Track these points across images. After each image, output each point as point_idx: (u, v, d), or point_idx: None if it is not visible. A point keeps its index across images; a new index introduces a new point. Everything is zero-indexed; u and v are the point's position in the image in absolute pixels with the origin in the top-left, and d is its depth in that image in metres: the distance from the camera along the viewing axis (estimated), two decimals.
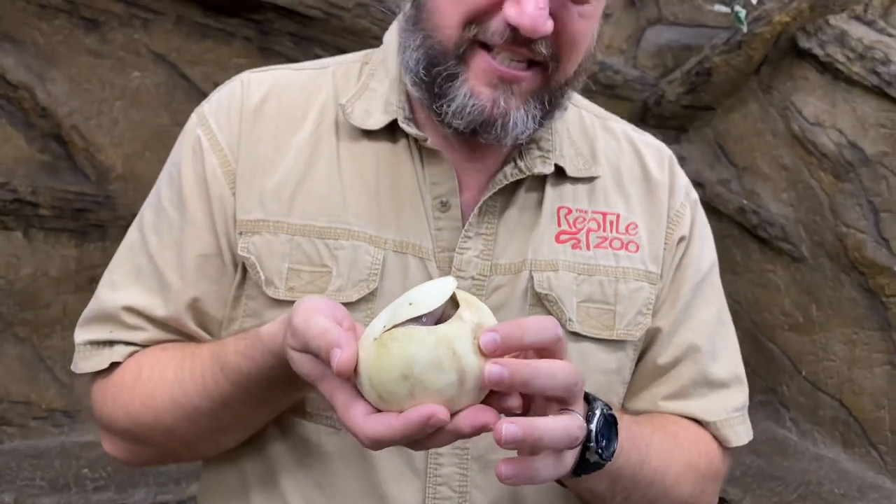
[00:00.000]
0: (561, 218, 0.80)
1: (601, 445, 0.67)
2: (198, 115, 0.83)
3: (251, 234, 0.78)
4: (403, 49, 0.77)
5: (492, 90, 0.71)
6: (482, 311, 0.59)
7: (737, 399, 0.86)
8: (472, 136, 0.74)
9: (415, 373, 0.55)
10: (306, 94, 0.82)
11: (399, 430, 0.55)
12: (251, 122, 0.80)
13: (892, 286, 2.23)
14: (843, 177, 2.31)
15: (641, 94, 2.69)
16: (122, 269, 0.82)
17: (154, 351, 0.80)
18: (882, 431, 2.28)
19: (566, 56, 0.72)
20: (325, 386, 0.60)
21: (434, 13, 0.72)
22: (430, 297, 0.58)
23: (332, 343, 0.57)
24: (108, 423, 0.82)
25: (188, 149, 0.81)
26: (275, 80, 0.83)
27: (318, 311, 0.61)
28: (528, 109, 0.73)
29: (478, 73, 0.71)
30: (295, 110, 0.81)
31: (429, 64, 0.73)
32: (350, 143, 0.79)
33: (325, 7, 2.25)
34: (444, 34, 0.72)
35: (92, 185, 2.30)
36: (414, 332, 0.56)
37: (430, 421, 0.54)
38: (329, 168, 0.79)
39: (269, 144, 0.79)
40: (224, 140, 0.80)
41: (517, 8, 0.68)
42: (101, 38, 2.23)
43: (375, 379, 0.56)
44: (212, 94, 0.85)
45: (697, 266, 0.85)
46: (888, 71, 2.14)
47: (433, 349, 0.55)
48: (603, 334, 0.80)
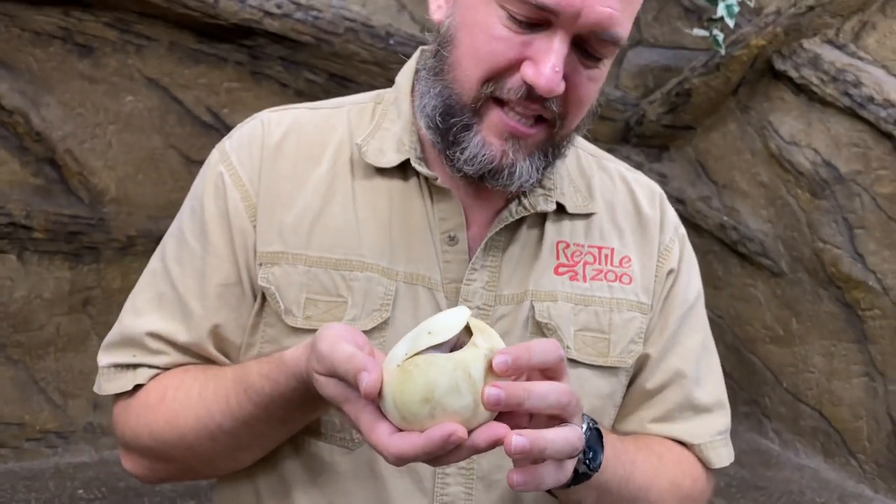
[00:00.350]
0: (560, 252, 0.85)
1: (588, 457, 0.73)
2: (220, 152, 0.87)
3: (271, 265, 0.82)
4: (421, 95, 0.82)
5: (502, 142, 0.77)
6: (493, 337, 0.65)
7: (720, 423, 0.92)
8: (479, 181, 0.79)
9: (436, 396, 0.61)
10: (323, 133, 0.87)
11: (422, 448, 0.60)
12: (271, 158, 0.85)
13: (867, 300, 2.30)
14: (819, 194, 2.38)
15: (624, 113, 2.76)
16: (145, 295, 0.86)
17: (177, 373, 0.84)
18: (861, 441, 2.34)
19: (572, 115, 0.78)
20: (350, 408, 0.65)
21: (456, 67, 0.77)
22: (447, 325, 0.64)
23: (359, 367, 0.62)
24: (130, 441, 0.86)
25: (211, 183, 0.86)
26: (293, 119, 0.88)
27: (342, 337, 0.66)
28: (532, 161, 0.78)
29: (490, 126, 0.76)
30: (313, 148, 0.86)
31: (446, 113, 0.78)
32: (364, 179, 0.84)
33: (316, 33, 2.29)
34: (464, 87, 0.77)
35: (85, 207, 2.33)
36: (434, 359, 0.62)
37: (450, 439, 0.60)
38: (345, 203, 0.83)
39: (289, 180, 0.84)
40: (246, 176, 0.84)
41: (535, 69, 0.73)
42: (95, 63, 2.27)
43: (399, 401, 0.61)
44: (233, 131, 0.90)
45: (685, 297, 0.91)
46: (859, 93, 2.22)
47: (452, 374, 0.61)
48: (598, 361, 0.85)
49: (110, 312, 2.37)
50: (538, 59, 0.73)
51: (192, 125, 2.39)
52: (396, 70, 0.91)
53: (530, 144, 0.78)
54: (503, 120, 0.76)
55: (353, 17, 2.33)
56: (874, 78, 2.20)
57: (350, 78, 2.40)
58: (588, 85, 0.77)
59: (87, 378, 2.38)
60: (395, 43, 2.35)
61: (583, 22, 0.72)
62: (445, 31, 0.79)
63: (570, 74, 0.75)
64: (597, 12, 0.72)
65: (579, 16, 0.72)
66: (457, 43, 0.78)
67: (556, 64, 0.72)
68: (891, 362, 2.27)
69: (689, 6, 2.70)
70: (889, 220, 2.23)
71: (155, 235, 2.38)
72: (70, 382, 2.38)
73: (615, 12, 0.73)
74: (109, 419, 2.65)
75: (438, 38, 0.80)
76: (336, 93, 2.41)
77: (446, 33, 0.79)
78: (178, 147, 2.39)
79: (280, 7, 2.25)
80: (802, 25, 2.30)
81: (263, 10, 2.23)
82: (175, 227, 0.88)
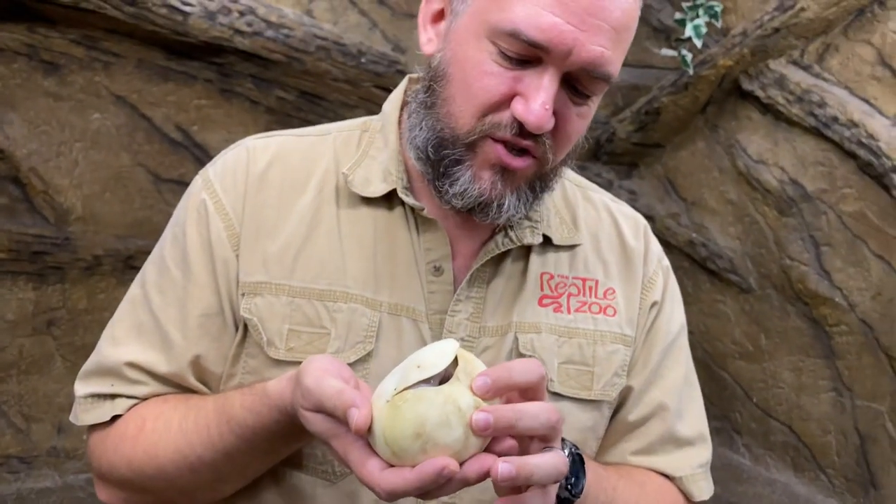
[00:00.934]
0: (544, 283, 0.85)
1: (570, 482, 0.73)
2: (203, 179, 0.86)
3: (253, 295, 0.81)
4: (411, 127, 0.81)
5: (492, 174, 0.76)
6: (480, 368, 0.64)
7: (701, 456, 0.92)
8: (467, 214, 0.79)
9: (427, 430, 0.60)
10: (309, 161, 0.86)
11: (414, 483, 0.60)
12: (256, 187, 0.84)
13: (834, 316, 2.33)
14: (786, 212, 2.42)
15: (594, 132, 2.78)
16: (124, 324, 0.84)
17: (157, 402, 0.82)
18: (830, 455, 2.37)
19: (560, 150, 0.78)
20: (339, 443, 0.64)
21: (449, 102, 0.77)
22: (436, 359, 0.63)
23: (347, 403, 0.61)
24: (106, 472, 0.84)
25: (193, 211, 0.84)
26: (279, 146, 0.87)
27: (328, 372, 0.65)
28: (520, 195, 0.78)
29: (483, 159, 0.76)
30: (298, 176, 0.85)
31: (438, 146, 0.78)
32: (350, 209, 0.83)
33: (287, 51, 2.28)
34: (458, 122, 0.76)
35: (50, 227, 2.28)
36: (423, 394, 0.61)
37: (443, 472, 0.59)
38: (329, 233, 0.82)
39: (273, 209, 0.83)
40: (229, 204, 0.83)
41: (525, 106, 0.73)
42: (61, 80, 2.23)
43: (390, 437, 0.61)
44: (216, 158, 0.88)
45: (668, 329, 0.91)
46: (824, 113, 2.26)
47: (442, 407, 0.61)
48: (581, 394, 0.85)
49: (75, 334, 2.32)
50: (528, 96, 0.73)
51: (160, 143, 2.35)
52: (367, 88, 0.90)
53: (518, 178, 0.78)
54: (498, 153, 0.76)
55: (325, 35, 2.33)
56: (838, 98, 2.25)
57: (321, 96, 2.39)
58: (577, 121, 0.77)
59: (51, 401, 2.32)
60: (366, 61, 2.34)
61: (573, 60, 0.72)
62: (437, 65, 0.79)
63: (560, 110, 0.75)
64: (588, 51, 0.72)
65: (570, 53, 0.72)
66: (449, 78, 0.77)
67: (546, 101, 0.72)
68: (857, 378, 2.30)
69: (658, 26, 2.74)
70: (854, 237, 2.27)
71: (123, 255, 2.33)
72: (33, 406, 2.32)
73: (606, 51, 0.73)
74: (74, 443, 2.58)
75: (430, 72, 0.80)
76: (307, 110, 2.40)
77: (438, 68, 0.79)
78: (146, 165, 2.36)
79: (250, 25, 2.23)
80: (768, 46, 2.34)
81: (234, 28, 2.21)
82: (156, 253, 0.86)
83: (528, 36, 0.71)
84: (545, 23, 0.70)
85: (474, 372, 0.63)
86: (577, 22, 0.71)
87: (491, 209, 0.77)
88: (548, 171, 0.79)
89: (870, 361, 2.26)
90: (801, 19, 2.24)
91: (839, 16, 2.22)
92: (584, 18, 0.71)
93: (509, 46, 0.73)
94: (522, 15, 0.71)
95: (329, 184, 0.84)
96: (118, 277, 2.34)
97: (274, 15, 2.27)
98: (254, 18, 2.23)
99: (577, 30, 0.71)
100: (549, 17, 0.71)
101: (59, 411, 2.33)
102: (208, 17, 2.17)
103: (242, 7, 2.22)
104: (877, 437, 2.24)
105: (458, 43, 0.77)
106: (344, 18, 2.44)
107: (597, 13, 0.71)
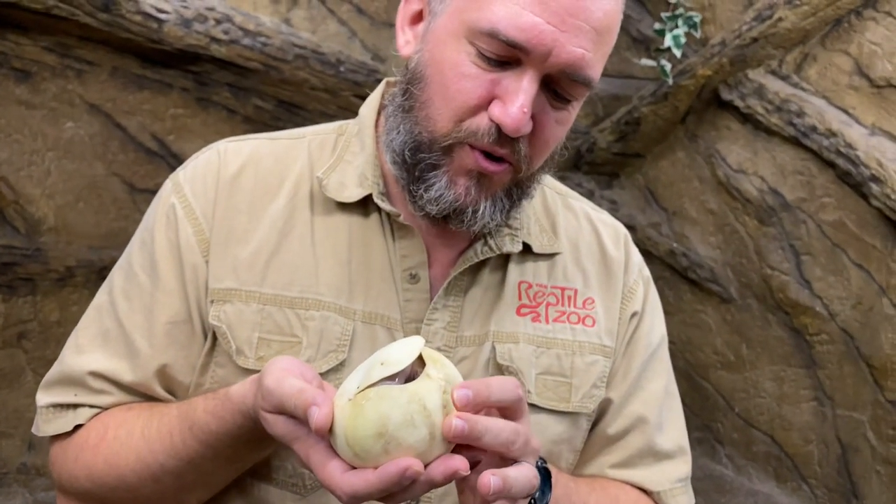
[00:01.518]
0: (522, 292, 0.84)
1: (534, 496, 0.71)
2: (173, 183, 0.84)
3: (223, 302, 0.78)
4: (388, 130, 0.79)
5: (467, 180, 0.75)
6: (447, 367, 0.62)
7: (680, 470, 0.90)
8: (442, 221, 0.77)
9: (389, 430, 0.58)
10: (282, 165, 0.84)
11: (376, 485, 0.57)
12: (227, 191, 0.81)
13: (814, 325, 2.34)
14: (766, 221, 2.42)
15: (574, 141, 2.78)
16: (89, 332, 0.82)
17: (120, 410, 0.79)
18: (811, 465, 2.37)
19: (537, 156, 0.76)
20: (300, 446, 0.62)
21: (427, 105, 0.75)
22: (401, 356, 0.61)
23: (308, 402, 0.59)
24: (67, 484, 0.81)
25: (162, 215, 0.82)
26: (252, 150, 0.85)
27: (289, 372, 0.63)
28: (496, 202, 0.76)
29: (459, 165, 0.74)
30: (271, 180, 0.83)
31: (415, 149, 0.76)
32: (324, 214, 0.81)
33: (264, 59, 2.26)
34: (436, 126, 0.75)
35: (21, 237, 2.23)
36: (387, 392, 0.59)
37: (406, 473, 0.57)
38: (302, 239, 0.80)
39: (245, 214, 0.81)
40: (199, 209, 0.81)
41: (502, 108, 0.71)
42: (33, 88, 2.19)
43: (351, 437, 0.58)
44: (187, 161, 0.86)
45: (648, 341, 0.90)
46: (803, 122, 2.27)
47: (406, 406, 0.58)
48: (559, 406, 0.83)
49: (46, 347, 2.27)
50: (506, 98, 0.71)
51: (135, 152, 2.32)
52: (346, 97, 0.89)
53: (494, 184, 0.76)
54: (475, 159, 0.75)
55: (303, 43, 2.31)
56: (816, 108, 2.26)
57: (300, 104, 2.37)
58: (555, 127, 0.76)
59: (21, 416, 2.27)
60: (345, 70, 2.33)
61: (553, 61, 0.71)
62: (414, 67, 0.77)
63: (538, 115, 0.74)
64: (568, 52, 0.71)
65: (550, 54, 0.70)
66: (427, 80, 0.76)
67: (525, 104, 0.71)
68: (838, 387, 2.30)
69: (638, 37, 2.74)
70: (834, 246, 2.28)
71: (96, 266, 2.29)
72: (2, 421, 2.27)
73: (587, 53, 0.72)
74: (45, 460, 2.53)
75: (407, 74, 0.78)
76: (286, 119, 2.38)
77: (415, 70, 0.77)
78: (120, 174, 2.32)
79: (227, 33, 2.21)
80: (747, 56, 2.35)
81: (210, 36, 2.19)
82: (124, 259, 0.84)
83: (507, 35, 0.69)
84: (525, 22, 0.69)
85: (442, 371, 0.61)
86: (558, 22, 0.69)
87: (466, 216, 0.75)
88: (525, 179, 0.78)
89: (850, 370, 2.26)
90: (779, 29, 2.26)
91: (816, 26, 2.23)
92: (565, 19, 0.69)
93: (488, 47, 0.71)
94: (501, 14, 0.69)
95: (303, 188, 0.82)
96: (91, 289, 2.30)
97: (251, 23, 2.25)
98: (230, 26, 2.21)
99: (558, 30, 0.69)
100: (529, 16, 0.69)
101: (30, 426, 2.27)
102: (184, 24, 2.15)
103: (219, 15, 2.20)
104: (858, 447, 2.24)
105: (435, 44, 0.75)
106: (323, 27, 2.42)
107: (578, 13, 0.70)
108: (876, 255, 2.17)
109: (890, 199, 2.08)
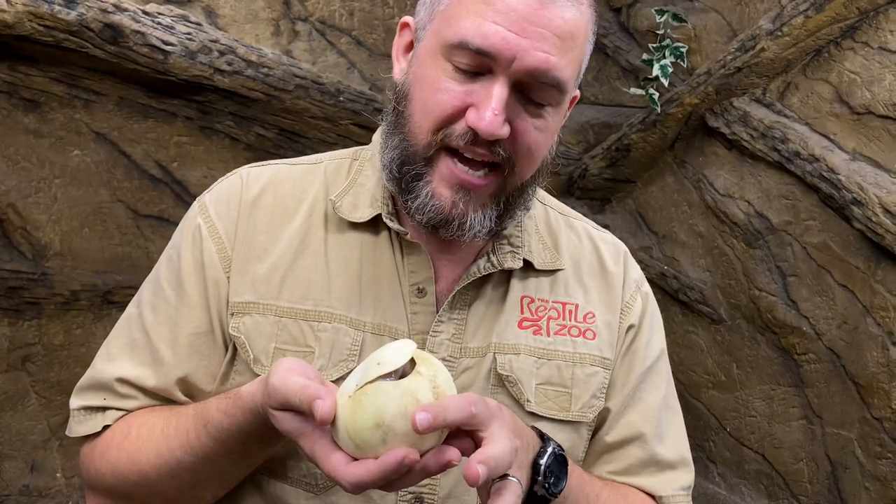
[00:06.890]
0: (524, 306, 0.89)
1: (549, 481, 0.75)
2: (199, 205, 0.90)
3: (242, 314, 0.84)
4: (382, 148, 0.86)
5: (452, 193, 0.80)
6: (436, 365, 0.69)
7: (683, 479, 0.94)
8: (434, 231, 0.83)
9: (386, 421, 0.64)
10: (299, 188, 0.90)
11: (377, 473, 0.63)
12: (248, 212, 0.88)
13: (802, 345, 2.39)
14: (753, 244, 2.49)
15: (567, 168, 2.85)
16: (119, 341, 0.88)
17: (144, 412, 0.85)
18: (802, 483, 2.41)
19: (522, 161, 0.82)
20: (306, 441, 0.67)
21: (410, 120, 0.82)
22: (395, 356, 0.67)
23: (312, 396, 0.65)
24: (94, 480, 0.86)
25: (188, 234, 0.88)
26: (272, 174, 0.91)
27: (293, 370, 0.68)
28: (485, 211, 0.82)
29: (441, 175, 0.81)
30: (288, 202, 0.89)
31: (402, 163, 0.82)
32: (337, 233, 0.87)
33: (266, 89, 2.33)
34: (417, 138, 0.81)
35: (28, 262, 2.28)
36: (382, 387, 0.65)
37: (404, 461, 0.62)
38: (316, 256, 0.86)
39: (264, 233, 0.87)
40: (222, 228, 0.87)
41: (476, 114, 0.77)
42: (41, 118, 2.25)
43: (352, 430, 0.64)
44: (213, 184, 0.93)
45: (645, 354, 0.94)
46: (787, 148, 2.35)
47: (400, 399, 0.64)
48: (559, 415, 0.88)
49: (50, 370, 2.30)
50: (479, 105, 0.78)
51: (140, 179, 2.38)
52: (346, 125, 0.96)
53: (483, 195, 0.82)
54: (452, 171, 0.80)
55: (304, 74, 2.38)
56: (799, 134, 2.33)
57: (300, 133, 2.43)
58: (535, 133, 0.81)
59: (25, 439, 2.29)
60: (344, 100, 2.40)
61: (519, 65, 0.77)
62: (401, 87, 0.84)
63: (515, 121, 0.80)
64: (532, 56, 0.77)
65: (514, 59, 0.77)
66: (410, 98, 0.83)
67: (497, 108, 0.77)
68: (826, 405, 2.35)
69: (627, 66, 2.83)
70: (819, 268, 2.34)
71: (101, 290, 2.34)
72: (6, 443, 2.29)
73: (551, 56, 0.78)
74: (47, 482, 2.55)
75: (395, 94, 0.85)
76: (287, 147, 2.44)
77: (401, 90, 0.84)
78: (125, 201, 2.37)
79: (231, 64, 2.28)
80: (732, 85, 2.43)
81: (214, 67, 2.26)
82: (153, 274, 0.90)
83: (474, 44, 0.76)
84: (488, 31, 0.76)
85: (431, 368, 0.67)
86: (518, 30, 0.76)
87: (453, 226, 0.81)
88: (513, 187, 0.83)
89: (838, 389, 2.31)
90: (762, 59, 2.34)
91: (798, 56, 2.31)
92: (525, 27, 0.76)
93: (460, 59, 0.78)
94: (468, 26, 0.76)
95: (318, 209, 0.88)
96: (95, 313, 2.34)
97: (254, 54, 2.32)
98: (234, 58, 2.28)
99: (519, 37, 0.76)
100: (492, 26, 0.76)
101: (33, 448, 2.30)
102: (189, 56, 2.21)
103: (223, 47, 2.27)
104: (847, 464, 2.28)
105: (419, 65, 0.82)
106: (322, 58, 2.50)
107: (537, 21, 0.76)
108: (859, 275, 2.23)
109: (871, 221, 2.15)
